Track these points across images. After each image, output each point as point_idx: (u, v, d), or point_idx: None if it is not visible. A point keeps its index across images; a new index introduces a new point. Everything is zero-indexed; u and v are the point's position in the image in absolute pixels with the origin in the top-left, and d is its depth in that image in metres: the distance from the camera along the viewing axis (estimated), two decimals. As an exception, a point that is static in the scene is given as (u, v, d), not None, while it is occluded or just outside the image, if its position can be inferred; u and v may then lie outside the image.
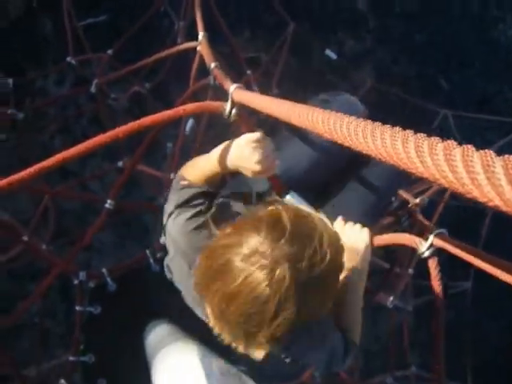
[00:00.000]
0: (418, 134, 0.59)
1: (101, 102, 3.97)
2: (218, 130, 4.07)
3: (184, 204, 1.67)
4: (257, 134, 1.54)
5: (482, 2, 5.46)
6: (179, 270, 1.68)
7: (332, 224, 1.67)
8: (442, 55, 5.38)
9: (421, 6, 5.33)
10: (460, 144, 0.52)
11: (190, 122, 3.50)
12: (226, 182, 1.95)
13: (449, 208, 4.30)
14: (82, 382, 3.23)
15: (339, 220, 1.71)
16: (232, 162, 1.61)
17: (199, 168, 1.76)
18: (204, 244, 1.36)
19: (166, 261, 1.75)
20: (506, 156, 0.48)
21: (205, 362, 1.57)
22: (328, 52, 4.57)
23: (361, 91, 4.65)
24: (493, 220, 4.68)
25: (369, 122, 0.73)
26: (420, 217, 2.10)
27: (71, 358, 3.07)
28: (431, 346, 1.65)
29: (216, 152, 1.69)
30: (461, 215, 4.77)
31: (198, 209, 1.66)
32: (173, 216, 1.69)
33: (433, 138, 0.57)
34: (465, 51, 5.43)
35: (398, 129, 0.64)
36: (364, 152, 0.71)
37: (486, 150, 0.49)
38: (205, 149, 3.45)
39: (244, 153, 1.56)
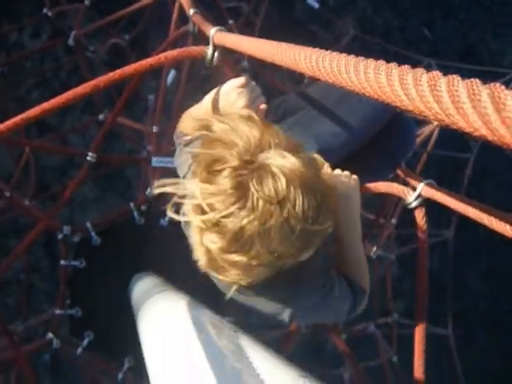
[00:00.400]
0: (402, 66, 0.58)
1: (79, 54, 3.89)
2: (197, 83, 4.03)
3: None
4: (241, 79, 1.52)
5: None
6: None
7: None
8: (425, 5, 5.32)
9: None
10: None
11: (172, 74, 3.45)
12: None
13: (430, 161, 4.33)
14: (69, 336, 3.25)
15: (326, 166, 1.69)
16: (221, 108, 1.58)
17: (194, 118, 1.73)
18: None
19: None
20: (492, 84, 0.46)
21: (193, 312, 1.57)
22: (310, 1, 4.49)
23: (343, 41, 4.60)
24: (474, 170, 4.73)
25: (352, 56, 0.71)
26: (405, 169, 2.10)
27: (58, 312, 3.08)
28: (414, 295, 1.67)
29: (206, 100, 1.65)
30: (442, 167, 4.81)
31: None
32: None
33: (417, 69, 0.55)
34: (448, 1, 5.37)
35: (381, 62, 0.62)
36: (348, 88, 0.70)
37: (472, 79, 0.48)
38: (185, 102, 3.44)
39: (230, 99, 1.54)
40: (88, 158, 2.67)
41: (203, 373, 1.07)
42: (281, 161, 1.01)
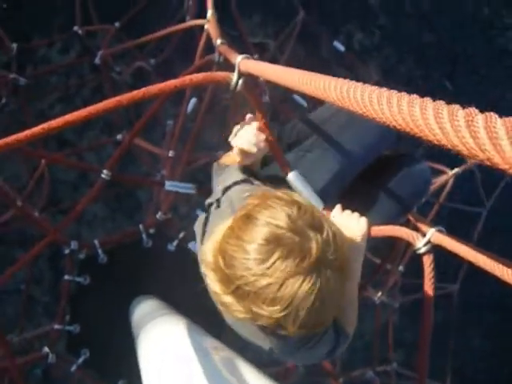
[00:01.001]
0: (437, 101, 0.58)
1: (104, 74, 3.94)
2: (216, 114, 4.07)
3: (245, 172, 1.76)
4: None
5: (492, 7, 5.44)
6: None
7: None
8: (449, 59, 5.37)
9: (432, 6, 5.31)
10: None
11: (193, 101, 3.48)
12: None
13: (441, 212, 4.32)
14: (66, 352, 3.22)
15: (337, 207, 1.70)
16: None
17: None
18: None
19: (211, 207, 1.73)
20: (531, 123, 0.47)
21: (192, 335, 1.56)
22: (336, 43, 4.54)
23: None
24: (484, 225, 4.71)
25: (384, 89, 0.71)
26: (417, 215, 2.09)
27: (56, 327, 3.06)
28: (415, 346, 1.65)
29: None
30: (453, 220, 4.79)
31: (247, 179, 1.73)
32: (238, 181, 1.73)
33: (453, 105, 0.56)
34: (471, 56, 5.42)
35: (415, 96, 0.63)
36: (378, 120, 0.70)
37: (510, 117, 0.48)
38: (203, 130, 3.46)
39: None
40: (102, 175, 2.68)
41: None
42: None
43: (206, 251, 1.26)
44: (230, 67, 1.61)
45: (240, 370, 1.26)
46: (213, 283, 1.22)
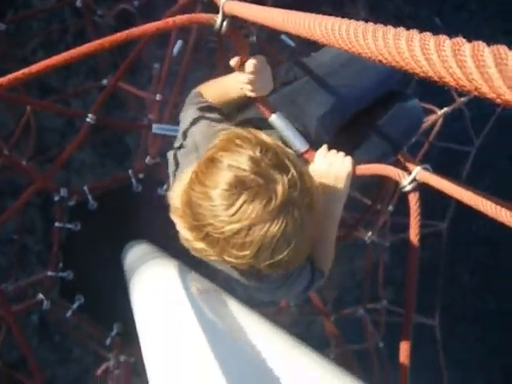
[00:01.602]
0: (424, 33, 0.57)
1: (86, 17, 3.85)
2: (203, 55, 4.00)
3: (205, 110, 1.72)
4: (251, 66, 1.55)
5: None
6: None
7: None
8: (436, -4, 5.28)
9: None
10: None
11: (179, 43, 3.41)
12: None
13: (430, 152, 4.32)
14: (60, 298, 3.25)
15: (323, 148, 1.69)
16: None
17: (215, 89, 1.81)
18: None
19: (177, 152, 1.70)
20: (520, 50, 0.46)
21: (183, 276, 1.57)
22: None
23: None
24: (473, 164, 4.73)
25: (370, 23, 0.69)
26: (405, 154, 2.08)
27: (49, 273, 3.08)
28: (404, 283, 1.67)
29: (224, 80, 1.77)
30: (442, 159, 4.81)
31: (218, 117, 1.71)
32: (197, 119, 1.71)
33: (439, 36, 0.54)
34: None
35: (401, 29, 0.61)
36: (364, 55, 0.68)
37: (499, 45, 0.47)
38: (190, 73, 3.41)
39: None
40: (87, 120, 2.65)
41: (192, 335, 1.07)
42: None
43: (174, 198, 1.25)
44: (215, 9, 1.57)
45: (232, 309, 1.27)
46: (183, 230, 1.22)
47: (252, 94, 1.63)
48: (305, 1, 4.77)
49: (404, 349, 1.67)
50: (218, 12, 1.51)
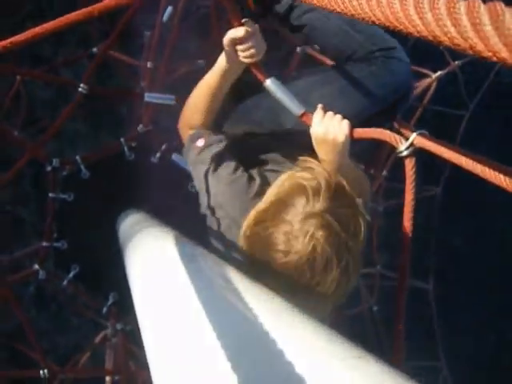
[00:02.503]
0: (418, -8, 0.55)
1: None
2: (195, 21, 3.94)
3: (215, 161, 1.83)
4: (241, 31, 1.56)
5: None
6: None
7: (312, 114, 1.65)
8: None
9: None
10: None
11: (169, 10, 3.36)
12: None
13: (425, 116, 4.31)
14: (55, 268, 3.26)
15: (319, 109, 1.66)
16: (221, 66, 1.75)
17: (199, 100, 1.90)
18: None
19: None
20: (516, 5, 0.45)
21: (179, 245, 1.57)
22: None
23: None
24: (466, 129, 4.73)
25: (363, -16, 0.68)
26: (400, 120, 2.07)
27: (44, 244, 3.09)
28: (399, 248, 1.67)
29: (209, 74, 1.83)
30: (437, 123, 4.79)
31: (232, 164, 1.82)
32: (210, 171, 1.83)
33: (435, -6, 0.53)
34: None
35: (395, -12, 0.60)
36: (357, 17, 0.67)
37: (495, 1, 0.46)
38: (182, 39, 3.36)
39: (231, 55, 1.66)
40: (79, 89, 2.62)
41: (192, 303, 1.07)
42: None
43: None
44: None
45: (228, 274, 1.28)
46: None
47: (247, 61, 1.62)
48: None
49: (399, 313, 1.68)
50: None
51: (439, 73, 3.81)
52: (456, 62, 3.90)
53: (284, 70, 3.41)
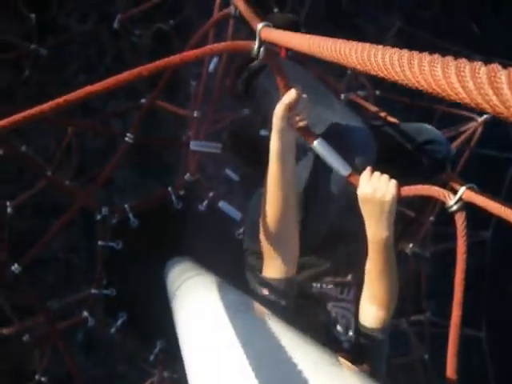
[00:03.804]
0: (460, 60, 0.57)
1: (124, 38, 3.93)
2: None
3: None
4: (291, 96, 1.58)
5: None
6: None
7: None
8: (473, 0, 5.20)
9: None
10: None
11: (214, 61, 3.46)
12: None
13: (472, 161, 4.26)
14: (104, 316, 3.31)
15: (367, 171, 1.69)
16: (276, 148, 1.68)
17: (273, 203, 1.74)
18: None
19: None
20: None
21: (227, 295, 1.59)
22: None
23: (389, 34, 4.53)
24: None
25: (405, 50, 0.70)
26: (450, 172, 2.07)
27: (93, 291, 3.14)
28: (448, 294, 1.65)
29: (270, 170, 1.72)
30: (484, 167, 4.72)
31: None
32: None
33: (475, 63, 0.55)
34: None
35: (437, 55, 0.62)
36: (400, 82, 0.69)
37: (534, 71, 0.47)
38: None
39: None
40: (126, 139, 2.71)
41: (233, 355, 1.08)
42: None
43: None
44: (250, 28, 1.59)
45: (273, 328, 1.28)
46: None
47: (302, 124, 1.65)
48: (337, 13, 4.80)
49: (451, 362, 1.65)
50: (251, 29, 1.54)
51: (485, 116, 3.77)
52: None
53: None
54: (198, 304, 1.69)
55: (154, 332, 3.21)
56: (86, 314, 3.12)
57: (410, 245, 3.85)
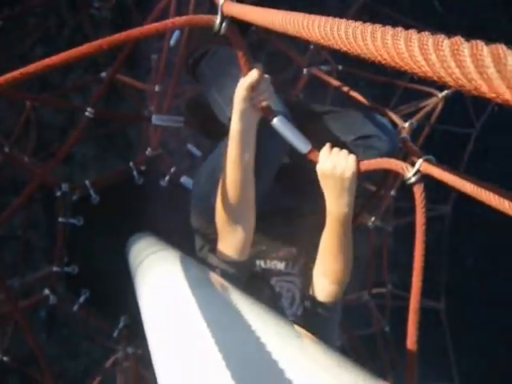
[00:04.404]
0: (422, 33, 0.57)
1: (83, 11, 3.84)
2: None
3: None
4: (253, 76, 1.55)
5: None
6: None
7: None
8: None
9: None
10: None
11: (176, 34, 3.40)
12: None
13: (432, 136, 4.31)
14: (66, 293, 3.27)
15: (326, 147, 1.69)
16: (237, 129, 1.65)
17: (230, 183, 1.71)
18: None
19: None
20: (519, 48, 0.46)
21: (190, 269, 1.59)
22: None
23: (352, 9, 4.52)
24: (474, 147, 4.73)
25: (368, 24, 0.69)
26: (409, 141, 2.08)
27: (55, 269, 3.10)
28: (409, 268, 1.68)
29: (228, 149, 1.69)
30: (445, 142, 4.80)
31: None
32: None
33: (438, 36, 0.54)
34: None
35: (400, 29, 0.61)
36: (363, 56, 0.68)
37: (497, 44, 0.47)
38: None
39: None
40: (86, 113, 2.65)
41: (199, 326, 1.08)
42: None
43: None
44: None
45: (235, 300, 1.29)
46: None
47: (265, 104, 1.62)
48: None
49: (411, 333, 1.68)
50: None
51: (446, 92, 3.81)
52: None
53: (290, 92, 3.44)
54: (160, 279, 1.68)
55: (117, 308, 3.19)
56: (47, 291, 3.07)
57: (372, 219, 3.90)
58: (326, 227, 1.76)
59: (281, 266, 2.00)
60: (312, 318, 1.90)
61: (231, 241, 1.78)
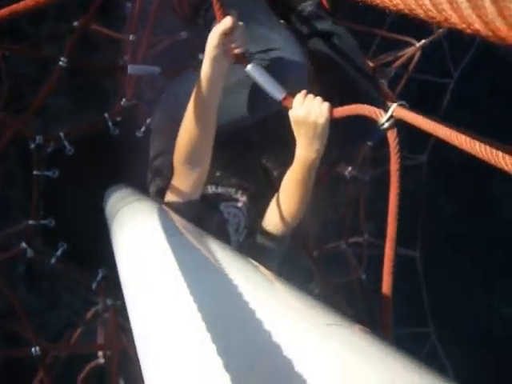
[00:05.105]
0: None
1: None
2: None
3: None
4: (227, 23, 1.54)
5: None
6: None
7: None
8: None
9: None
10: None
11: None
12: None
13: (410, 85, 4.29)
14: (44, 246, 3.26)
15: (300, 94, 1.69)
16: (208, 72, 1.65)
17: (193, 123, 1.74)
18: None
19: None
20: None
21: (165, 219, 1.59)
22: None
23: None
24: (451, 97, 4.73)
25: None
26: (386, 88, 2.07)
27: (31, 222, 3.08)
28: (386, 217, 1.69)
29: (196, 89, 1.70)
30: (423, 92, 4.78)
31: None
32: None
33: (409, -35, 0.53)
34: None
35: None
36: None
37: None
38: (164, 12, 3.32)
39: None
40: (60, 63, 2.59)
41: (173, 275, 1.08)
42: None
43: None
44: None
45: (211, 247, 1.30)
46: None
47: (238, 51, 1.61)
48: None
49: (387, 279, 1.70)
50: None
51: (423, 41, 3.79)
52: (440, 30, 3.87)
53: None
54: (136, 229, 1.68)
55: (95, 260, 3.20)
56: (24, 245, 3.06)
57: (349, 168, 3.92)
58: (291, 168, 1.82)
59: (231, 191, 2.10)
60: (259, 248, 2.00)
61: (186, 178, 1.86)
